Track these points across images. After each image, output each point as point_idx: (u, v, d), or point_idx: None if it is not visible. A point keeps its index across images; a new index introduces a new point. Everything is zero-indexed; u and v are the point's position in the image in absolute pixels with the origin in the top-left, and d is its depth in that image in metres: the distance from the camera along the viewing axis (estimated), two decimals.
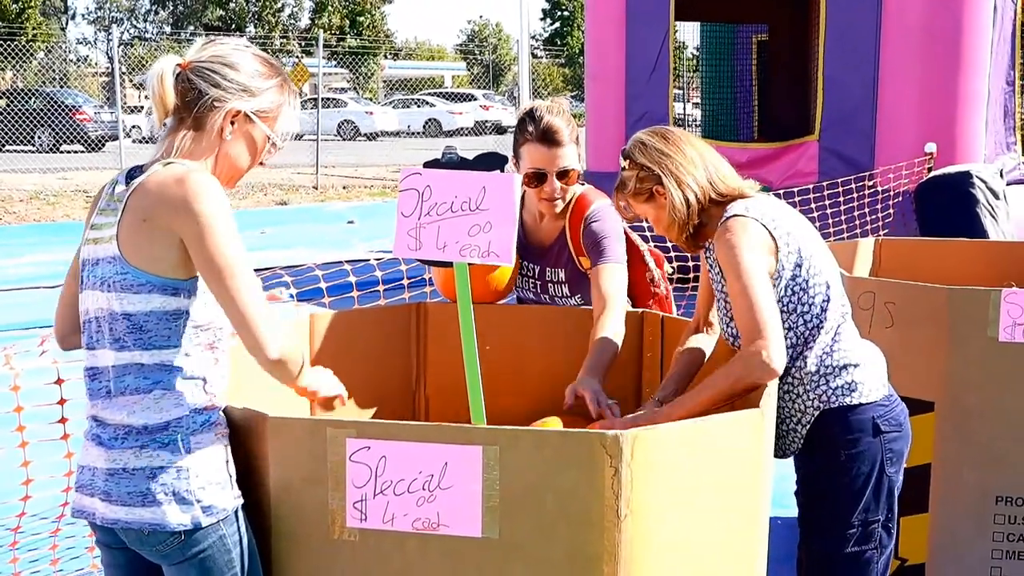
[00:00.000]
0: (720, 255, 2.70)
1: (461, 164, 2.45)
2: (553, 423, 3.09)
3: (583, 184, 3.37)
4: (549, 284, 3.43)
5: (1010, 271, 4.80)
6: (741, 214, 2.73)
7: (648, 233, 3.74)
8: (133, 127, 29.52)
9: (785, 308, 2.76)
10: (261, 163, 2.39)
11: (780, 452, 2.86)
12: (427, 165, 2.47)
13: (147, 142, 31.80)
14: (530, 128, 3.21)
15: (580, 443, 2.08)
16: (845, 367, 2.81)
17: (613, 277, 3.24)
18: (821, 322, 2.79)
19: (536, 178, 3.24)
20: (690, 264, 6.54)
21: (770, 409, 2.42)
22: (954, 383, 3.71)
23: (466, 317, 2.44)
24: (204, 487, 2.19)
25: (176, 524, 2.17)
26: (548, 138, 3.19)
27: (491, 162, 2.44)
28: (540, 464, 2.09)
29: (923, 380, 3.75)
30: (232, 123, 2.31)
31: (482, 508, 2.10)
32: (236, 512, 2.23)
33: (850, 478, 2.78)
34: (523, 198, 3.41)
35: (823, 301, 2.79)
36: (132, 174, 2.31)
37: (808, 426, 2.80)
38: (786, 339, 2.72)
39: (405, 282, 5.58)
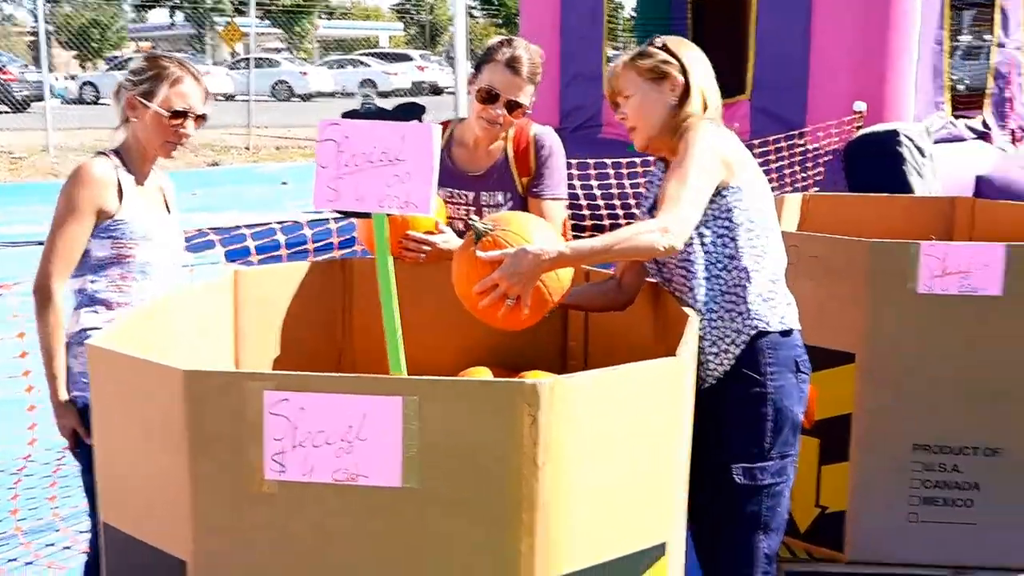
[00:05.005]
0: (683, 143, 2.81)
1: (379, 114, 2.43)
2: (481, 373, 3.11)
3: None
4: (484, 209, 3.44)
5: (932, 225, 4.89)
6: (719, 125, 2.90)
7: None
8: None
9: (736, 224, 2.83)
10: (179, 132, 3.15)
11: (701, 379, 2.87)
12: (345, 115, 2.45)
13: (75, 103, 31.16)
14: (501, 51, 3.35)
15: (498, 392, 2.09)
16: (783, 294, 2.92)
17: (554, 215, 3.38)
18: (767, 249, 2.87)
19: (488, 97, 3.32)
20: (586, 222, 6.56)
21: (689, 357, 2.45)
22: (874, 335, 3.78)
23: (384, 267, 2.43)
24: None
25: None
26: (513, 65, 3.32)
27: (409, 112, 2.43)
28: (459, 414, 2.09)
29: (844, 332, 3.81)
30: (134, 108, 3.14)
31: (402, 458, 2.10)
32: None
33: (774, 410, 2.83)
34: (452, 134, 3.48)
35: (767, 229, 2.88)
36: None
37: (743, 346, 2.83)
38: (737, 258, 2.82)
39: (335, 240, 5.54)
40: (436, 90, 36.36)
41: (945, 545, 3.88)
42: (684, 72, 2.89)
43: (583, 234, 4.38)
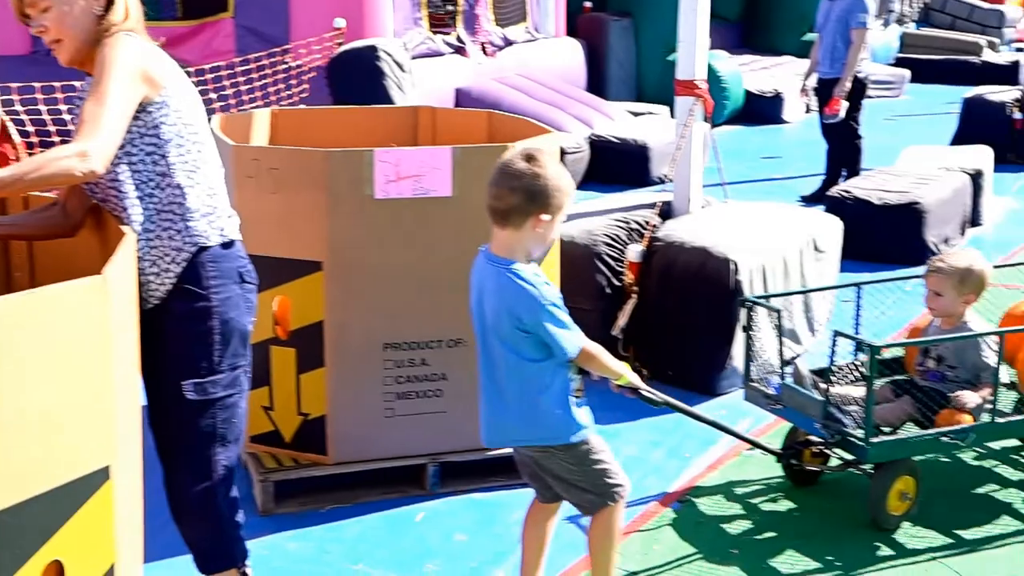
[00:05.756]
0: (99, 58, 2.67)
1: None
2: None
3: None
4: None
5: (399, 134, 5.08)
6: (133, 36, 2.76)
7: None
8: None
9: (165, 140, 2.76)
10: None
11: (145, 300, 2.78)
12: None
13: None
14: None
15: None
16: (223, 207, 2.88)
17: None
18: (200, 163, 2.81)
19: None
20: None
21: (119, 276, 2.36)
22: (337, 242, 3.88)
23: None
24: None
25: None
26: None
27: None
28: None
29: (309, 242, 3.89)
30: None
31: None
32: None
33: (220, 323, 2.83)
34: None
35: (199, 143, 2.82)
36: None
37: (184, 264, 2.78)
38: (170, 175, 2.76)
39: None
40: None
41: (421, 435, 4.12)
42: None
43: None
